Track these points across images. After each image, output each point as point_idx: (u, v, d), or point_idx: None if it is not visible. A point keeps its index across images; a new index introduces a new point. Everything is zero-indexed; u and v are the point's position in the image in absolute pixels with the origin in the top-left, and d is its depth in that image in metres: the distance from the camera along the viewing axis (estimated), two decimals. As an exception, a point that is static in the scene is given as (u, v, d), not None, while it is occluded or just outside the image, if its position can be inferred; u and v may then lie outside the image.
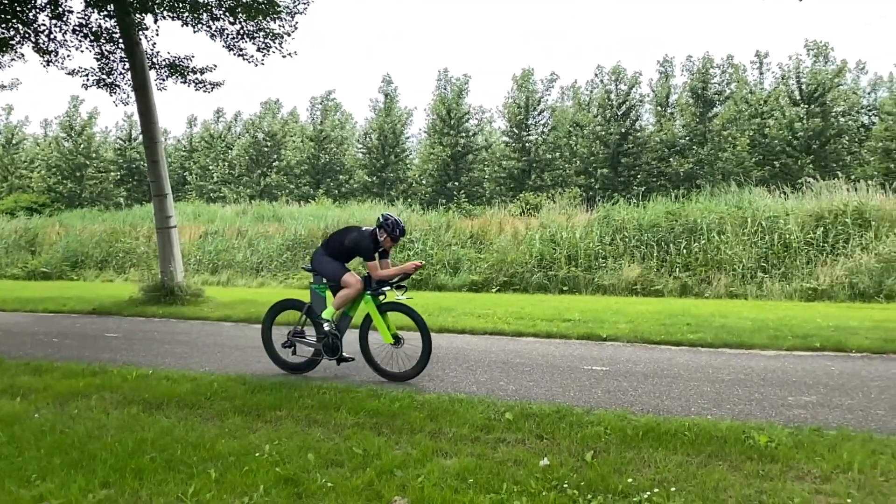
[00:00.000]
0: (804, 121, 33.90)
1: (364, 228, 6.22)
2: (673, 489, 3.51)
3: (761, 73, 38.83)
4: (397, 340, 6.06)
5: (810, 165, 31.80)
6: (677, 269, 13.15)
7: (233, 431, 4.50)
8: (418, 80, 74.89)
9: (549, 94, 40.54)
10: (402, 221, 6.23)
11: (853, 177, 23.27)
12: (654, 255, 13.65)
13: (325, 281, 6.26)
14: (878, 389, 5.37)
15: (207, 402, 5.18)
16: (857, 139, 35.46)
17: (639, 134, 37.11)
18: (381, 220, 6.09)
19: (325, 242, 6.43)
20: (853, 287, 11.54)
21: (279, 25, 12.39)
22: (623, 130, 36.61)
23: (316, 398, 5.24)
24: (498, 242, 15.60)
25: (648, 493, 3.44)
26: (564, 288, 13.38)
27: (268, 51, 12.66)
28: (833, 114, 34.45)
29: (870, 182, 15.75)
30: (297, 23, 12.51)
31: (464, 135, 40.37)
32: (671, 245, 13.68)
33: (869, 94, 39.36)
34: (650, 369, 6.25)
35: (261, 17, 12.00)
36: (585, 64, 72.53)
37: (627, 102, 37.51)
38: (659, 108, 37.94)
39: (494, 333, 8.27)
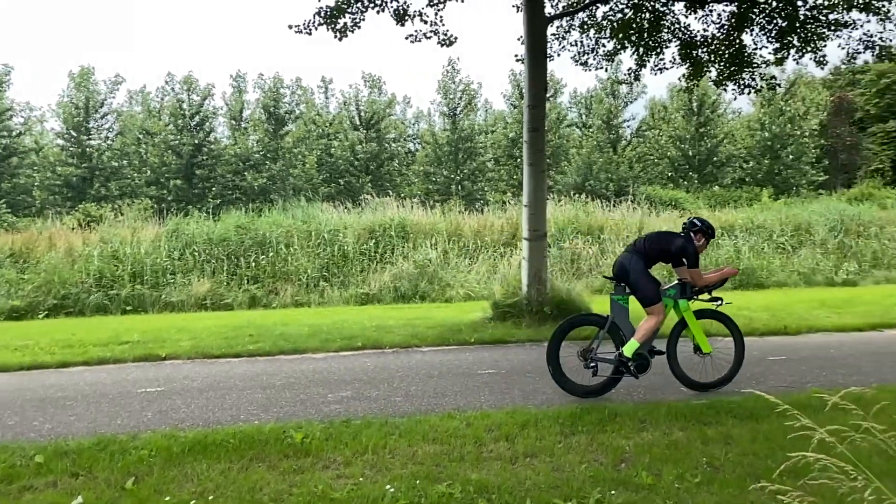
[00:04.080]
0: (363, 144, 37.99)
1: (681, 234, 5.86)
2: (211, 497, 3.64)
3: (327, 98, 42.26)
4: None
5: (369, 184, 35.82)
6: (247, 282, 13.46)
7: None
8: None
9: (113, 97, 37.25)
10: None
11: (402, 195, 27.00)
12: (225, 268, 13.72)
13: (627, 291, 5.68)
14: (400, 379, 6.40)
15: None
16: (405, 163, 41.23)
17: (213, 146, 36.71)
18: (695, 223, 5.89)
19: (640, 250, 5.73)
20: (397, 290, 13.41)
21: None
22: (197, 142, 35.77)
23: None
24: (47, 260, 13.71)
25: (186, 507, 3.51)
26: (128, 308, 12.47)
27: None
28: (386, 139, 39.41)
29: (413, 200, 18.56)
30: None
31: (6, 134, 34.30)
32: (241, 258, 13.94)
33: (413, 124, 46.24)
34: (207, 384, 6.30)
35: None
36: (155, 69, 68.53)
37: (201, 113, 36.79)
38: (233, 121, 38.17)
39: (34, 367, 7.25)
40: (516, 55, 11.44)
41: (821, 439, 2.45)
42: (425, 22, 9.83)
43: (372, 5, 9.49)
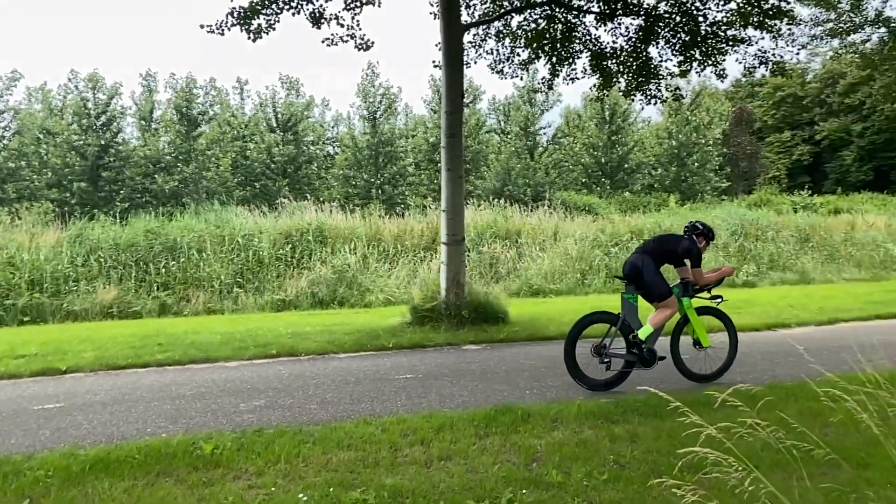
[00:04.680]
0: (280, 146, 37.27)
1: (685, 236, 6.38)
2: (112, 517, 3.49)
3: (242, 99, 41.25)
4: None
5: (286, 187, 35.15)
6: (156, 289, 12.95)
7: None
8: None
9: (10, 94, 35.02)
10: None
11: (321, 199, 26.66)
12: (133, 275, 13.14)
13: (635, 290, 6.16)
14: (315, 386, 6.32)
15: None
16: (324, 166, 40.71)
17: (121, 147, 35.10)
18: (697, 226, 6.45)
19: (650, 251, 6.23)
20: (314, 296, 13.22)
21: None
22: (103, 142, 34.11)
23: None
24: (-68, 269, 12.76)
25: (84, 527, 3.35)
26: (26, 318, 11.74)
27: None
28: (304, 142, 38.80)
29: (333, 204, 18.36)
30: None
31: None
32: (150, 264, 13.40)
33: (333, 127, 45.81)
34: (111, 397, 6.02)
35: None
36: (56, 66, 65.01)
37: (108, 113, 35.10)
38: (143, 122, 36.65)
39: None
40: (434, 61, 11.55)
41: (713, 435, 2.61)
42: (342, 25, 9.78)
43: (287, 7, 9.37)
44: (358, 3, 9.72)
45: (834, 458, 2.90)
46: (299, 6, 9.40)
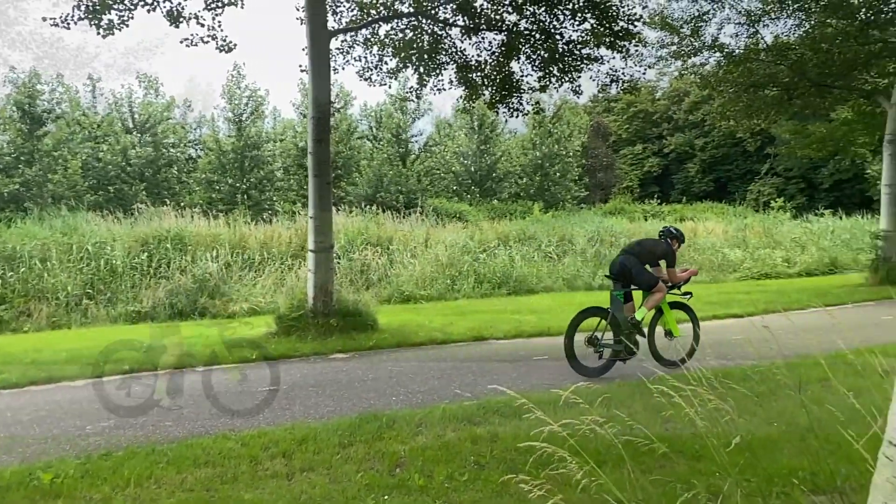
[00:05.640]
0: (137, 148, 35.09)
1: (663, 239, 7.30)
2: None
3: (94, 98, 38.47)
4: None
5: (144, 192, 33.13)
6: (-9, 303, 11.77)
7: None
8: None
9: None
10: None
11: (182, 204, 25.37)
12: (-38, 288, 11.88)
13: (622, 288, 6.95)
14: (184, 402, 6.02)
15: None
16: (186, 170, 38.74)
17: (-51, 145, 31.62)
18: (671, 231, 7.40)
19: (636, 252, 7.07)
20: (173, 307, 12.56)
21: None
22: (-73, 139, 30.59)
23: None
24: None
25: None
26: None
27: None
28: (164, 144, 36.74)
29: (194, 209, 17.51)
30: None
31: None
32: (-17, 276, 12.17)
33: (195, 129, 43.78)
34: (-68, 425, 5.41)
35: None
36: None
37: (-68, 107, 31.51)
38: (-24, 118, 33.20)
39: None
40: (301, 65, 11.38)
41: (558, 432, 2.77)
42: (202, 25, 9.41)
43: (142, 3, 8.89)
44: (219, 3, 9.40)
45: (672, 452, 3.16)
46: (155, 3, 8.95)
